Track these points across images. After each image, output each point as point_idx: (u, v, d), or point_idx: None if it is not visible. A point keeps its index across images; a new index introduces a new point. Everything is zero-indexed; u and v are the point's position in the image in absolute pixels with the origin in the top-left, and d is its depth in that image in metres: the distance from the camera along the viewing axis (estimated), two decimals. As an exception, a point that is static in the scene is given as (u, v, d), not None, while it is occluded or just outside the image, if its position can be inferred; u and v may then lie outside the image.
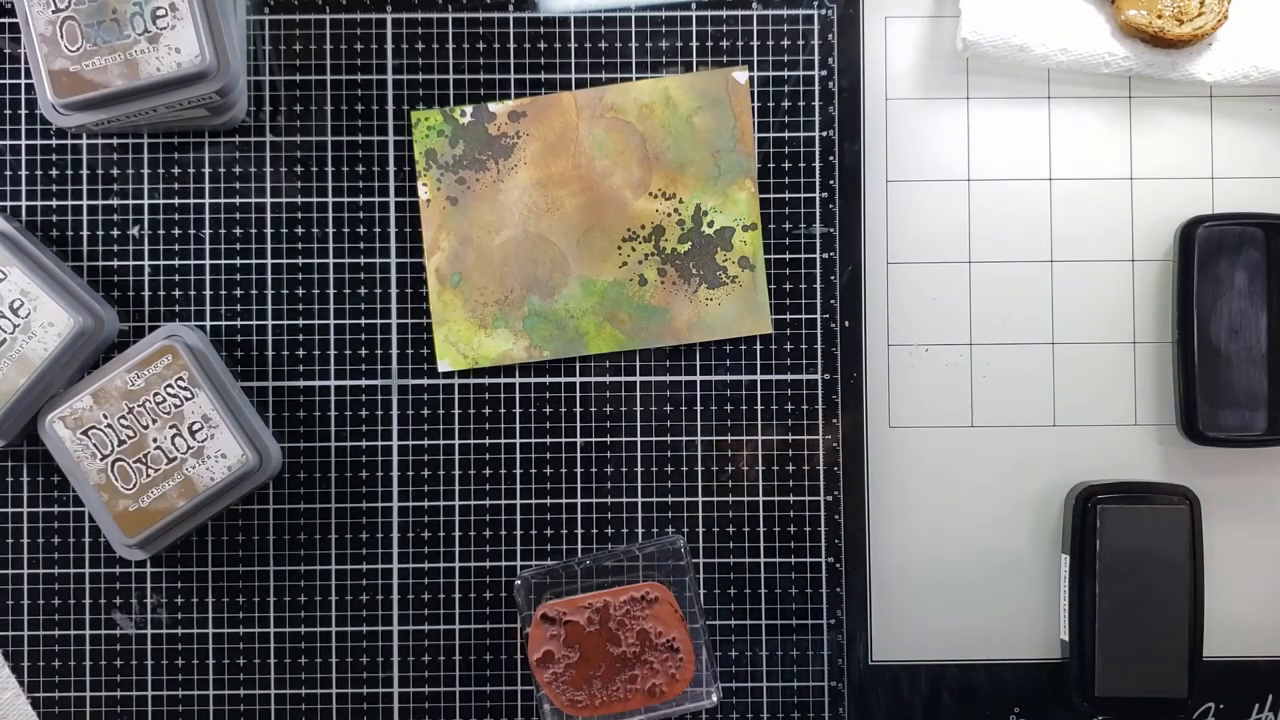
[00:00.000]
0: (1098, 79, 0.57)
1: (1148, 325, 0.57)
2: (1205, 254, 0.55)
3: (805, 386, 0.56)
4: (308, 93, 0.56)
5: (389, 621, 0.56)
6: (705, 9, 0.56)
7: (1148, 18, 0.54)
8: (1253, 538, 0.57)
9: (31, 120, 0.56)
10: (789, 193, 0.56)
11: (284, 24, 0.56)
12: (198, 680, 0.56)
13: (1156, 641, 0.54)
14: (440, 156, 0.55)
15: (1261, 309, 0.55)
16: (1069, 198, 0.57)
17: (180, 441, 0.52)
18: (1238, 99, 0.57)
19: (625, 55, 0.56)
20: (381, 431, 0.56)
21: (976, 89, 0.57)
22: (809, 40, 0.56)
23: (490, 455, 0.56)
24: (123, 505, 0.52)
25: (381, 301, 0.56)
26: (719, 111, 0.55)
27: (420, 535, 0.56)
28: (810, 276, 0.56)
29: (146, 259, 0.56)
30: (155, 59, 0.50)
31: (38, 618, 0.56)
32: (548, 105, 0.55)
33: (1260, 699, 0.57)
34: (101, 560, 0.56)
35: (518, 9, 0.56)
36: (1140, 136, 0.57)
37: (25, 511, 0.56)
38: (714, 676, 0.55)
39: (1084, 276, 0.57)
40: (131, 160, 0.56)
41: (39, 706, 0.56)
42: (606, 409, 0.56)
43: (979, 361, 0.57)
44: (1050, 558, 0.57)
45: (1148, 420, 0.57)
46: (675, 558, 0.55)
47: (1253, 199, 0.57)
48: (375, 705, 0.56)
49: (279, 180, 0.56)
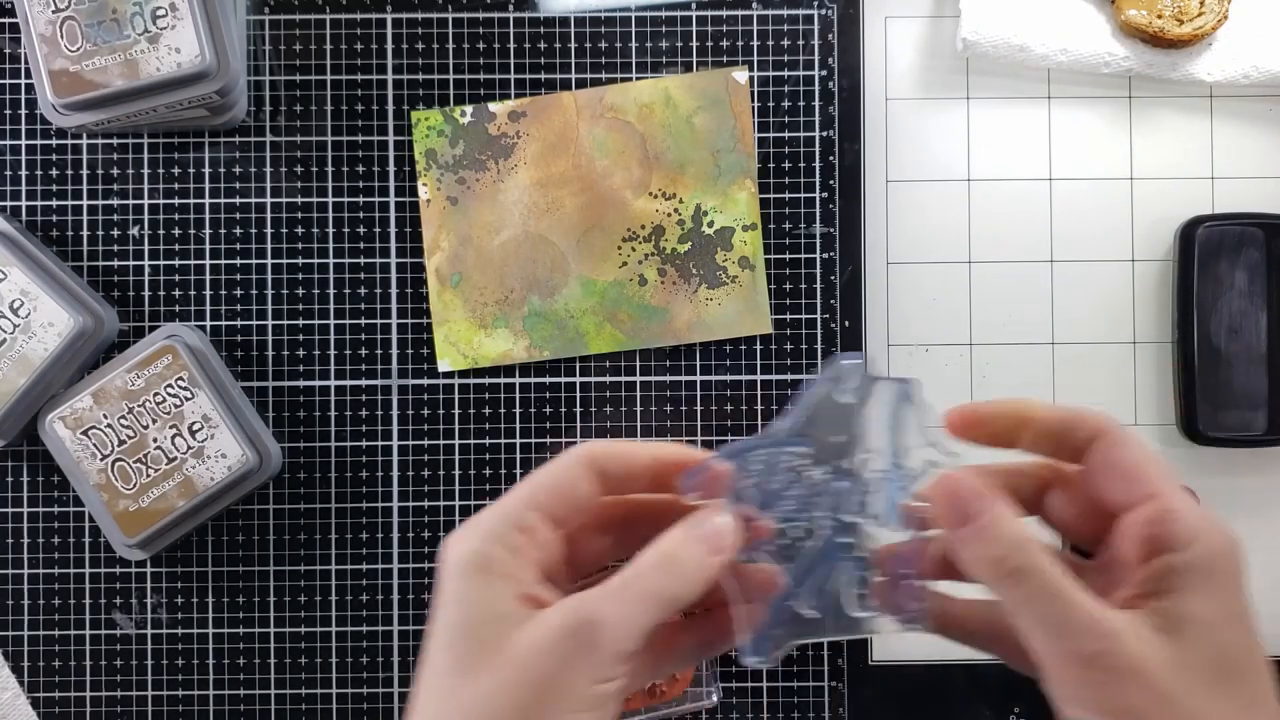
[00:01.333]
0: (1098, 79, 0.57)
1: (1148, 325, 0.57)
2: (1205, 254, 0.55)
3: (805, 386, 0.56)
4: (308, 93, 0.56)
5: (389, 621, 0.56)
6: (705, 9, 0.56)
7: (1148, 18, 0.54)
8: (1253, 538, 0.57)
9: (31, 120, 0.56)
10: (789, 193, 0.56)
11: (284, 24, 0.56)
12: (198, 680, 0.56)
13: (1156, 641, 0.54)
14: (440, 156, 0.55)
15: (1261, 309, 0.55)
16: (1069, 198, 0.57)
17: (180, 441, 0.52)
18: (1238, 99, 0.57)
19: (625, 55, 0.56)
20: (381, 431, 0.56)
21: (976, 89, 0.57)
22: (809, 40, 0.56)
23: (490, 455, 0.56)
24: (123, 505, 0.52)
25: (381, 301, 0.56)
26: (719, 111, 0.55)
27: (420, 535, 0.56)
28: (810, 276, 0.56)
29: (146, 259, 0.56)
30: (155, 59, 0.50)
31: (38, 618, 0.56)
32: (548, 105, 0.55)
33: (1260, 699, 0.56)
34: (101, 560, 0.56)
35: (518, 9, 0.56)
36: (1140, 136, 0.57)
37: (25, 511, 0.56)
38: (714, 676, 0.55)
39: (1084, 276, 0.57)
40: (131, 160, 0.56)
41: (39, 706, 0.56)
42: (606, 409, 0.56)
43: (979, 361, 0.57)
44: (1050, 558, 0.57)
45: (1148, 420, 0.57)
46: (675, 558, 0.55)
47: (1253, 199, 0.57)
48: (375, 705, 0.56)
49: (279, 180, 0.56)
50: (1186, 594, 0.30)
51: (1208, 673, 0.29)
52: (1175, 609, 0.29)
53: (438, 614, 0.32)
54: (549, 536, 0.33)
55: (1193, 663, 0.29)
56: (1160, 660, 0.28)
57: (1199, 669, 0.29)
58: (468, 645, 0.30)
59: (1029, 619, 0.29)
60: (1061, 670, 0.29)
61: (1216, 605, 0.30)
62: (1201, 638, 0.29)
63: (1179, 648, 0.29)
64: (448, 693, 0.30)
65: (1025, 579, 0.29)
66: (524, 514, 0.33)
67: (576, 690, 0.30)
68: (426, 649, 0.32)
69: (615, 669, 0.30)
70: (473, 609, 0.31)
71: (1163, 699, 0.28)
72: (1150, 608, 0.30)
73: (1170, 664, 0.28)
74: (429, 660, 0.31)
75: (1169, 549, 0.30)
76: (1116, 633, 0.28)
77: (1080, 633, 0.28)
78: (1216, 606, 0.30)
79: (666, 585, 0.31)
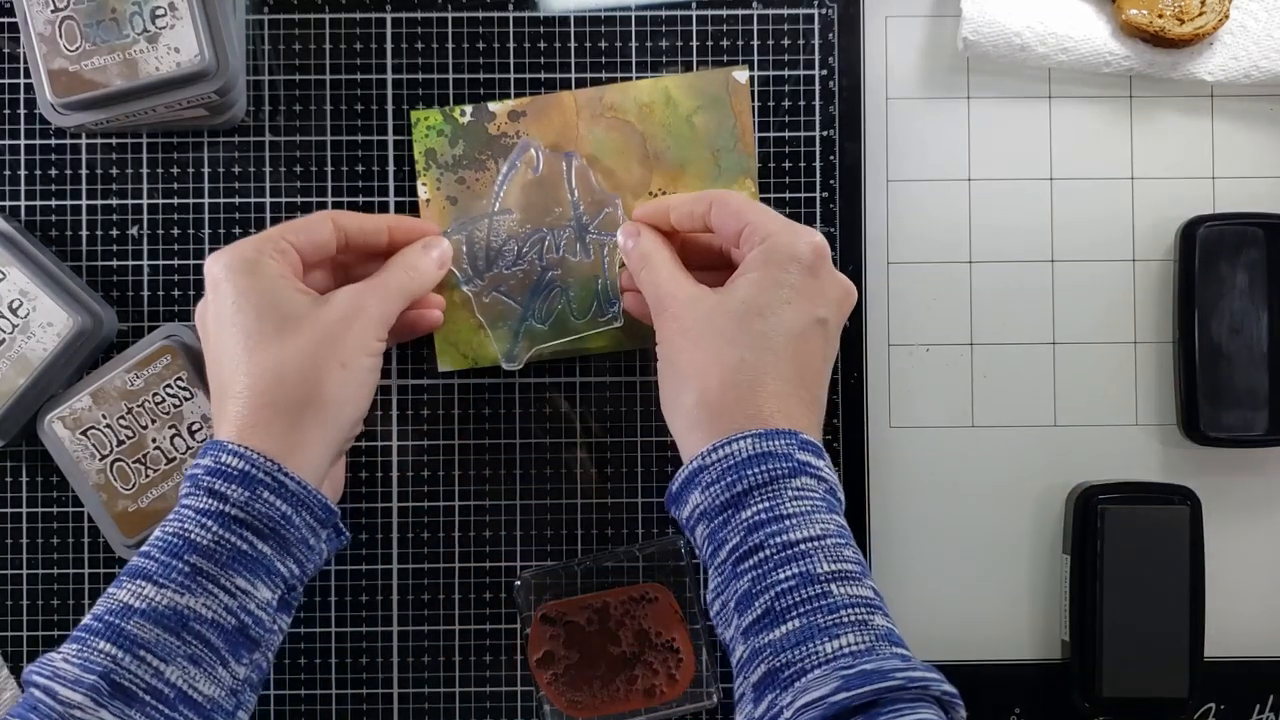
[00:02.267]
0: (1098, 79, 0.57)
1: (1148, 325, 0.57)
2: (1206, 254, 0.55)
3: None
4: (307, 92, 0.56)
5: (389, 622, 0.56)
6: (705, 9, 0.56)
7: (1148, 17, 0.54)
8: (1253, 538, 0.57)
9: (31, 120, 0.56)
10: (789, 193, 0.56)
11: (284, 24, 0.56)
12: (197, 680, 0.56)
13: (1157, 641, 0.54)
14: (440, 156, 0.55)
15: (1262, 308, 0.55)
16: (1069, 198, 0.57)
17: (179, 442, 0.52)
18: (1238, 99, 0.57)
19: (625, 55, 0.56)
20: (381, 432, 0.56)
21: (976, 89, 0.57)
22: (809, 40, 0.56)
23: (490, 455, 0.56)
24: (122, 505, 0.52)
25: (381, 301, 0.56)
26: (719, 111, 0.55)
27: (420, 535, 0.56)
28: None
29: (146, 259, 0.56)
30: (154, 59, 0.50)
31: (37, 618, 0.56)
32: (548, 105, 0.55)
33: (1260, 699, 0.57)
34: (101, 560, 0.56)
35: (518, 9, 0.56)
36: (1140, 136, 0.57)
37: (25, 512, 0.56)
38: (714, 677, 0.55)
39: (1084, 276, 0.57)
40: (131, 160, 0.56)
41: (38, 707, 0.56)
42: (606, 409, 0.56)
43: (979, 361, 0.57)
44: (1050, 558, 0.57)
45: (1148, 420, 0.57)
46: (675, 558, 0.55)
47: (1253, 199, 0.57)
48: (375, 705, 0.56)
49: (279, 180, 0.56)
50: (743, 274, 0.46)
51: (730, 315, 0.44)
52: (731, 282, 0.46)
53: (232, 301, 0.45)
54: (296, 261, 0.47)
55: (721, 309, 0.45)
56: (700, 308, 0.45)
57: (724, 313, 0.44)
58: (275, 317, 0.44)
59: (645, 289, 0.49)
60: (655, 317, 0.48)
61: (757, 277, 0.45)
62: (733, 294, 0.45)
63: (718, 300, 0.45)
64: (261, 350, 0.44)
65: (647, 267, 0.49)
66: (279, 240, 0.47)
67: (362, 342, 0.46)
68: (224, 327, 0.45)
69: (381, 333, 0.47)
70: (266, 295, 0.45)
71: (687, 330, 0.45)
72: (721, 285, 0.46)
73: (705, 310, 0.45)
74: (236, 329, 0.44)
75: (746, 249, 0.46)
76: (677, 295, 0.46)
77: (662, 296, 0.47)
78: (757, 278, 0.45)
79: (408, 284, 0.49)
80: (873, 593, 0.41)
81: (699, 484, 0.43)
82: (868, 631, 0.39)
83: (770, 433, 0.42)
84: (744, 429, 0.43)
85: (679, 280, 0.47)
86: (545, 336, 0.54)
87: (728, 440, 0.42)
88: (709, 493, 0.42)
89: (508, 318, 0.54)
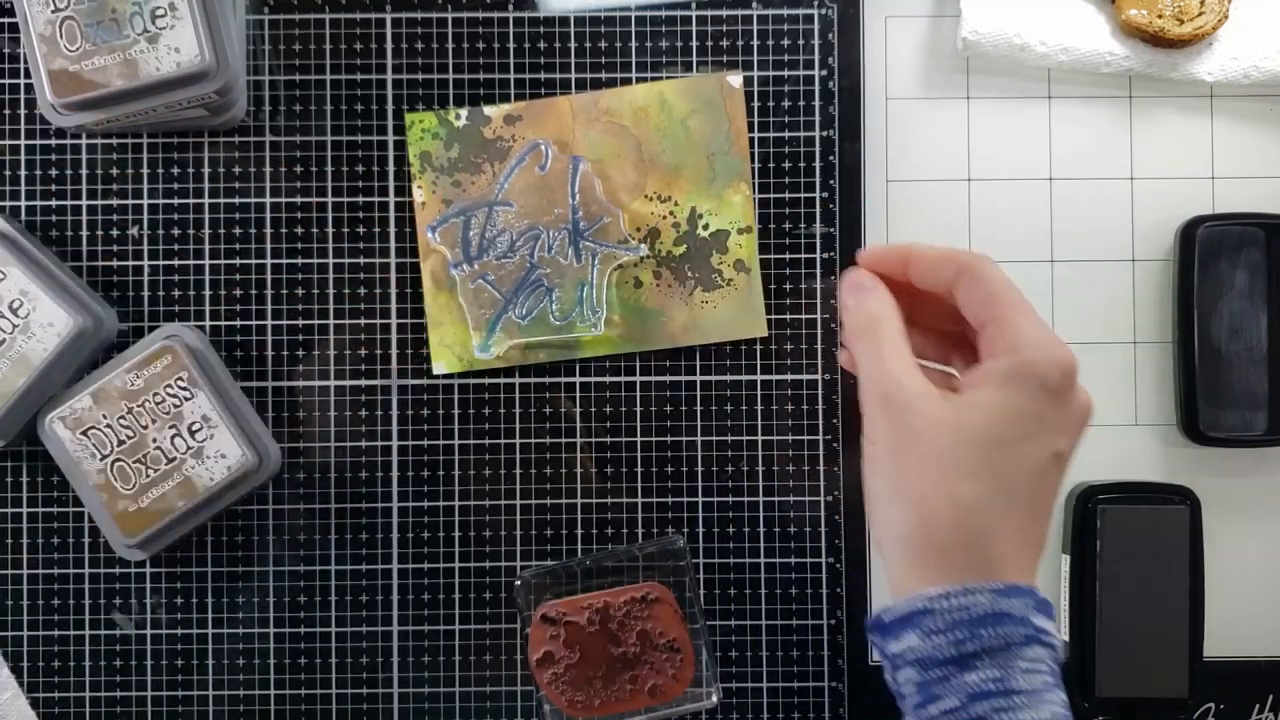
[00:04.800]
0: (1098, 79, 0.57)
1: (1148, 325, 0.57)
2: (1206, 254, 0.55)
3: (805, 386, 0.56)
4: (307, 93, 0.56)
5: (389, 621, 0.56)
6: (705, 9, 0.56)
7: (1148, 17, 0.54)
8: (1253, 538, 0.57)
9: (31, 120, 0.56)
10: (789, 193, 0.56)
11: (284, 24, 0.56)
12: (197, 680, 0.56)
13: (1156, 641, 0.54)
14: (435, 159, 0.55)
15: (1262, 309, 0.55)
16: (1069, 198, 0.57)
17: (180, 442, 0.52)
18: (1238, 99, 0.57)
19: (625, 55, 0.56)
20: (381, 432, 0.56)
21: (976, 89, 0.57)
22: (809, 40, 0.56)
23: (490, 455, 0.56)
24: (122, 505, 0.52)
25: (381, 302, 0.56)
26: (714, 115, 0.55)
27: (420, 535, 0.56)
28: (810, 276, 0.56)
29: (146, 259, 0.56)
30: (155, 59, 0.50)
31: (37, 618, 0.56)
32: (543, 109, 0.55)
33: (1260, 699, 0.56)
34: (101, 560, 0.56)
35: (517, 9, 0.56)
36: (1140, 136, 0.57)
37: (25, 512, 0.56)
38: (714, 676, 0.55)
39: (1084, 276, 0.57)
40: (131, 160, 0.56)
41: (39, 706, 0.56)
42: (606, 409, 0.56)
43: (979, 362, 0.57)
44: (1050, 558, 0.57)
45: (1148, 420, 0.57)
46: (675, 558, 0.55)
47: (1253, 199, 0.57)
48: (375, 705, 0.56)
49: (279, 180, 0.56)
50: (981, 386, 0.38)
51: (968, 442, 0.38)
52: (965, 390, 0.39)
53: None
54: None
55: (958, 431, 0.38)
56: (932, 416, 0.38)
57: (961, 438, 0.38)
58: None
59: (862, 359, 0.41)
60: (868, 399, 0.40)
61: (1000, 401, 0.38)
62: (972, 413, 0.38)
63: (952, 414, 0.38)
64: None
65: (872, 338, 0.40)
66: None
67: None
68: None
69: None
70: None
71: (915, 437, 0.38)
72: (952, 387, 0.41)
73: (937, 421, 0.38)
74: None
75: (990, 355, 0.39)
76: (906, 387, 0.39)
77: (886, 381, 0.39)
78: (999, 401, 0.38)
79: None
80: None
81: (921, 627, 0.39)
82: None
83: (1008, 590, 0.38)
84: (976, 578, 0.38)
85: (907, 367, 0.40)
86: (522, 332, 0.55)
87: (964, 590, 0.38)
88: (932, 641, 0.38)
89: (489, 307, 0.55)
